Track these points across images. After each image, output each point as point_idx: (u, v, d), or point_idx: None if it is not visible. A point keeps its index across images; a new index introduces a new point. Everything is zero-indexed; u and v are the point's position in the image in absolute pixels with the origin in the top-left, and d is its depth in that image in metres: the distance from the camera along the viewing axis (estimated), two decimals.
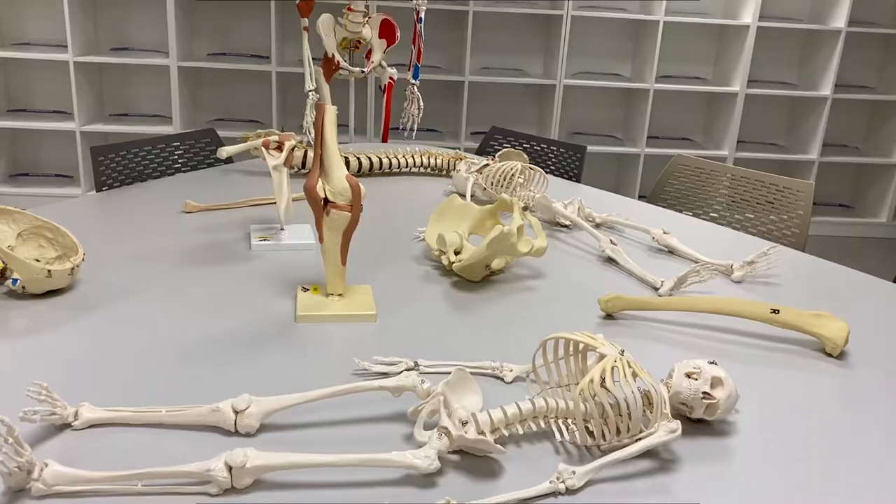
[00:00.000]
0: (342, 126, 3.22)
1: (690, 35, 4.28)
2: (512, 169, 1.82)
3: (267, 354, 1.09)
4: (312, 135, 2.41)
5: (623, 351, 0.91)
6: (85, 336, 1.10)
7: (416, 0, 2.49)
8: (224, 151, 1.40)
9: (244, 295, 1.28)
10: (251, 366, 1.05)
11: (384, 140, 2.76)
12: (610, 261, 1.55)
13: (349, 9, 2.41)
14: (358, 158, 2.08)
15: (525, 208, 1.69)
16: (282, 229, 1.55)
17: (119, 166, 1.87)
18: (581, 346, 0.95)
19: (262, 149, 1.46)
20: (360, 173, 2.10)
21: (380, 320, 1.22)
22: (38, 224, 1.27)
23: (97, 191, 1.79)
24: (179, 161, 2.03)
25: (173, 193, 1.78)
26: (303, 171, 2.04)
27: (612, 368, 0.89)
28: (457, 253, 1.40)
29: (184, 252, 1.45)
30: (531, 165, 1.84)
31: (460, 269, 1.37)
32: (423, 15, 2.53)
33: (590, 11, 3.93)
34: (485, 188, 1.86)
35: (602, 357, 0.92)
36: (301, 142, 2.10)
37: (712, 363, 0.97)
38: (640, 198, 4.41)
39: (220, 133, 3.94)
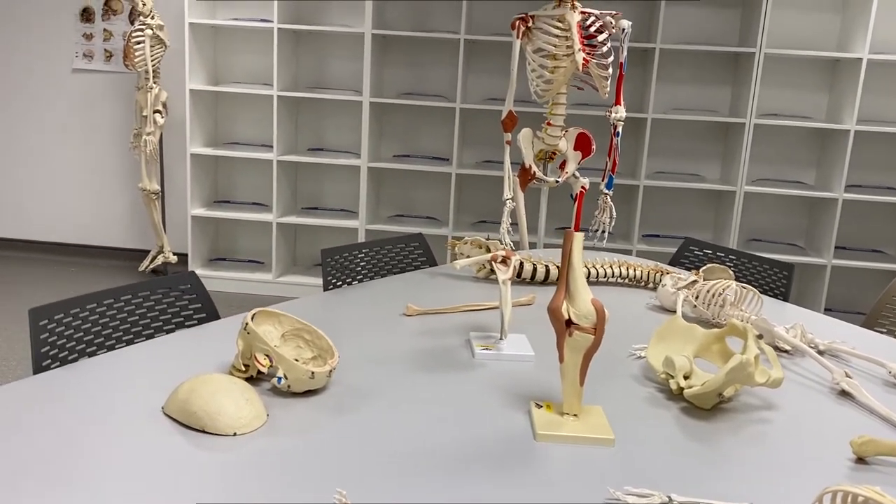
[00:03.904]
0: (532, 228, 3.22)
1: (882, 143, 4.08)
2: (724, 288, 1.79)
3: (512, 471, 1.11)
4: (506, 240, 2.50)
5: None
6: (342, 438, 1.18)
7: (614, 115, 2.56)
8: (458, 265, 1.49)
9: (477, 405, 1.33)
10: (498, 483, 1.08)
11: None
12: (844, 394, 1.47)
13: (548, 123, 2.53)
14: (558, 268, 2.12)
15: (759, 336, 1.65)
16: (501, 339, 1.61)
17: (340, 266, 2.03)
18: (861, 499, 0.91)
19: (493, 263, 1.54)
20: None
21: (616, 444, 1.22)
22: (298, 326, 1.39)
23: (325, 289, 1.95)
24: (391, 263, 2.16)
25: (391, 294, 1.90)
26: (492, 276, 2.11)
27: None
28: (686, 377, 1.39)
29: (412, 356, 1.53)
30: (744, 284, 1.81)
31: (692, 396, 1.35)
32: (620, 129, 2.60)
33: (773, 120, 3.87)
34: (695, 305, 1.84)
35: None
36: (500, 242, 2.18)
37: None
38: (826, 311, 4.15)
39: (398, 228, 4.16)
